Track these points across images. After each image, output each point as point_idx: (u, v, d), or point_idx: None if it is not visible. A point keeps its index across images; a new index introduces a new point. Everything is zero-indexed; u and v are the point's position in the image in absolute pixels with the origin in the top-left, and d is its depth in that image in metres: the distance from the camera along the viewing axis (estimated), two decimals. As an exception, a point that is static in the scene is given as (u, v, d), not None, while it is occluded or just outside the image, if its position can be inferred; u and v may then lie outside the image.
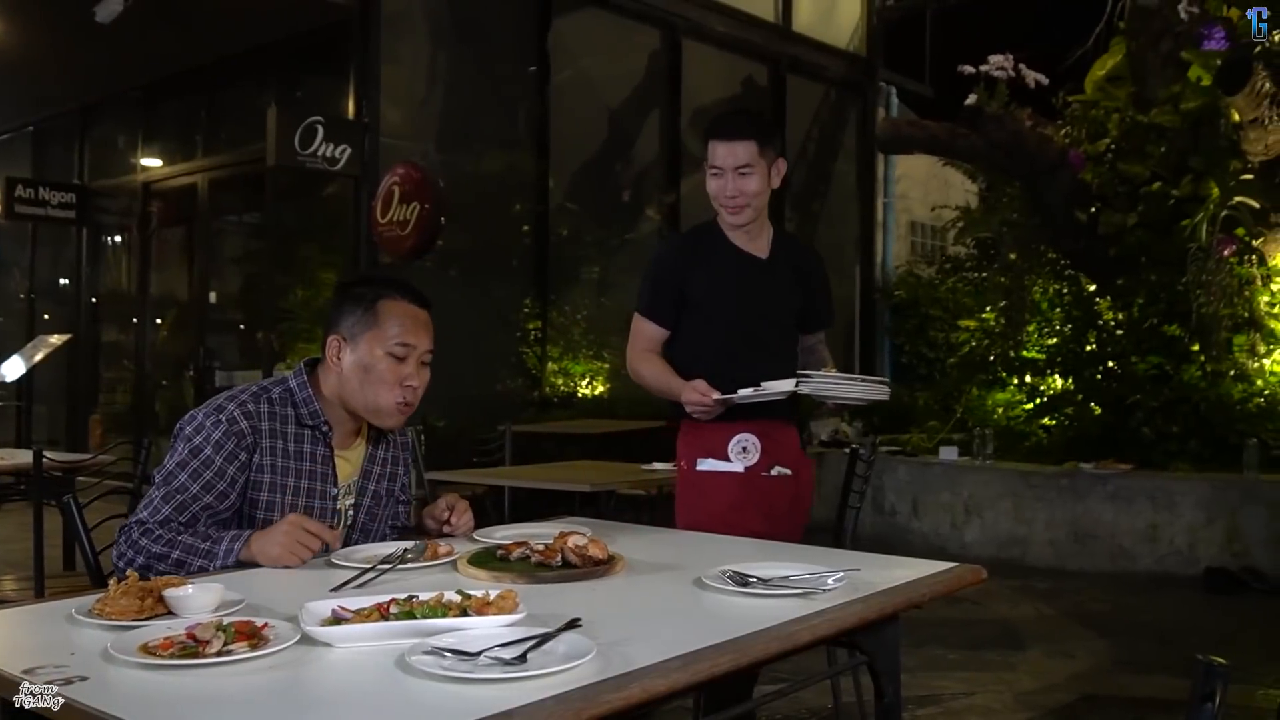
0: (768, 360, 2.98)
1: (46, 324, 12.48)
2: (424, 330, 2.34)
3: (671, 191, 10.89)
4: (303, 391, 2.32)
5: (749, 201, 2.97)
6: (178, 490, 2.17)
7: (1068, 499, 7.03)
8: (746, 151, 2.94)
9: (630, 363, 3.08)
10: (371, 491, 2.43)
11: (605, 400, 9.69)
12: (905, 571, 1.97)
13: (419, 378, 2.33)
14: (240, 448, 2.21)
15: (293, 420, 2.29)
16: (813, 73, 12.51)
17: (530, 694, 1.27)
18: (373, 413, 2.32)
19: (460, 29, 9.50)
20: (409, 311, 2.32)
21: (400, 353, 2.28)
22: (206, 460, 2.18)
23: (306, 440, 2.30)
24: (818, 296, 3.23)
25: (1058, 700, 4.25)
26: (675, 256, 3.09)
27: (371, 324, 2.29)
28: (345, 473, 2.38)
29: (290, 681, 1.39)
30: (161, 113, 11.05)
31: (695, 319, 3.01)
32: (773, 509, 2.93)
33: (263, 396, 2.29)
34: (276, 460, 2.25)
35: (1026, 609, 5.87)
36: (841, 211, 13.06)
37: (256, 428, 2.23)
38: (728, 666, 1.46)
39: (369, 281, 2.38)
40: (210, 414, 2.23)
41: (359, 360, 2.28)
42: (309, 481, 2.29)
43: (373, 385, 2.28)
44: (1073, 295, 8.52)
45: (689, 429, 3.02)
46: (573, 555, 1.97)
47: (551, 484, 4.42)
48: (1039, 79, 7.88)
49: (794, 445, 3.10)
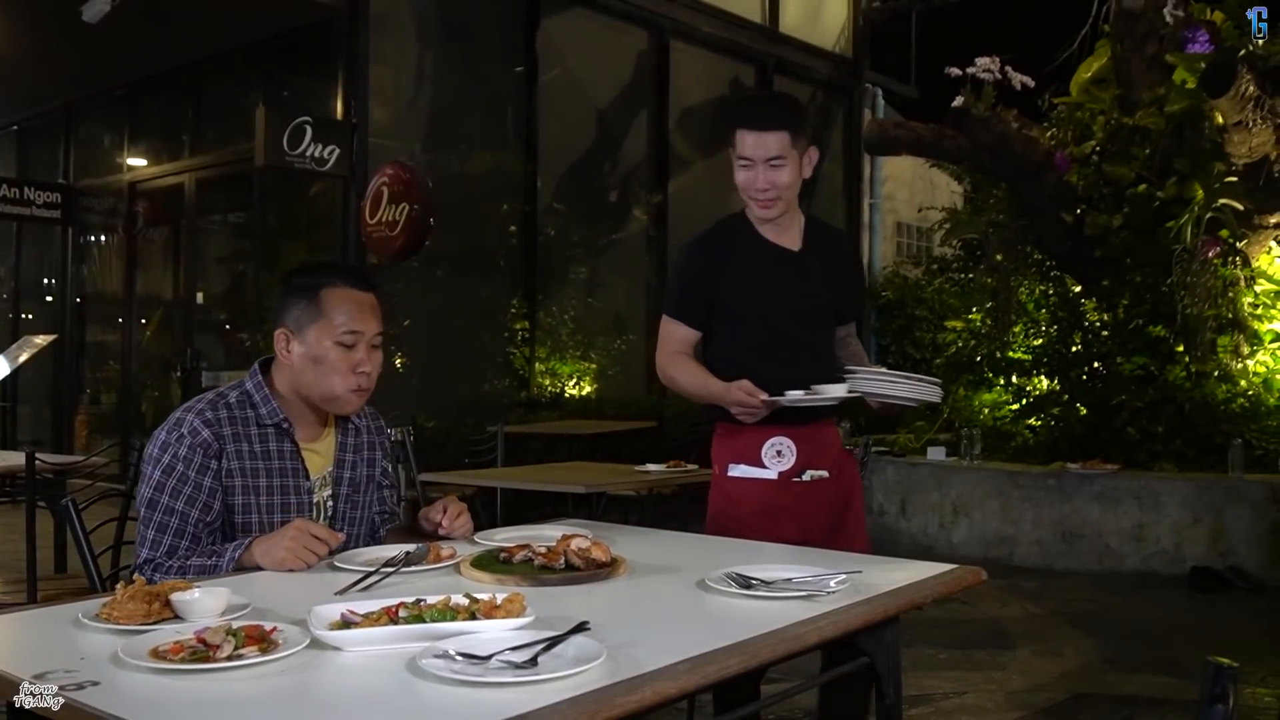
0: (804, 357, 2.85)
1: (31, 324, 12.41)
2: (371, 314, 2.31)
3: (659, 192, 10.91)
4: (259, 392, 2.30)
5: (780, 194, 2.79)
6: (166, 513, 2.16)
7: (1055, 499, 7.07)
8: (778, 142, 2.74)
9: (661, 367, 2.93)
10: (348, 480, 2.41)
11: (593, 400, 9.71)
12: (905, 573, 1.99)
13: (371, 362, 2.31)
14: (208, 456, 2.20)
15: (254, 422, 2.28)
16: (799, 74, 12.55)
17: (542, 697, 1.28)
18: (328, 401, 2.31)
19: (448, 29, 9.50)
20: (353, 298, 2.29)
21: (349, 340, 2.26)
22: (181, 476, 2.17)
23: (271, 439, 2.29)
24: (851, 286, 3.06)
25: (1048, 699, 4.28)
26: (703, 254, 2.92)
27: (317, 315, 2.26)
28: (317, 465, 2.36)
29: (301, 685, 1.39)
30: (148, 112, 11.01)
31: (727, 318, 2.86)
32: (807, 515, 2.79)
33: (219, 403, 2.27)
34: (244, 464, 2.24)
35: (1015, 608, 5.91)
36: (828, 212, 13.09)
37: (219, 434, 2.22)
38: (736, 669, 1.48)
39: (311, 270, 2.35)
40: (171, 430, 2.21)
41: (309, 352, 2.27)
42: (280, 479, 2.28)
43: (325, 375, 2.27)
44: (1059, 296, 8.57)
45: (723, 433, 2.90)
46: (576, 558, 1.98)
47: (547, 485, 4.42)
48: (1025, 81, 7.93)
49: (834, 446, 2.94)
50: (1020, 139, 7.95)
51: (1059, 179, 7.96)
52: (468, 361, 9.40)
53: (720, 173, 11.91)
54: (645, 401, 9.87)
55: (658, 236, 10.93)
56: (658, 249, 10.93)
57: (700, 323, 2.88)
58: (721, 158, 11.43)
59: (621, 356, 10.63)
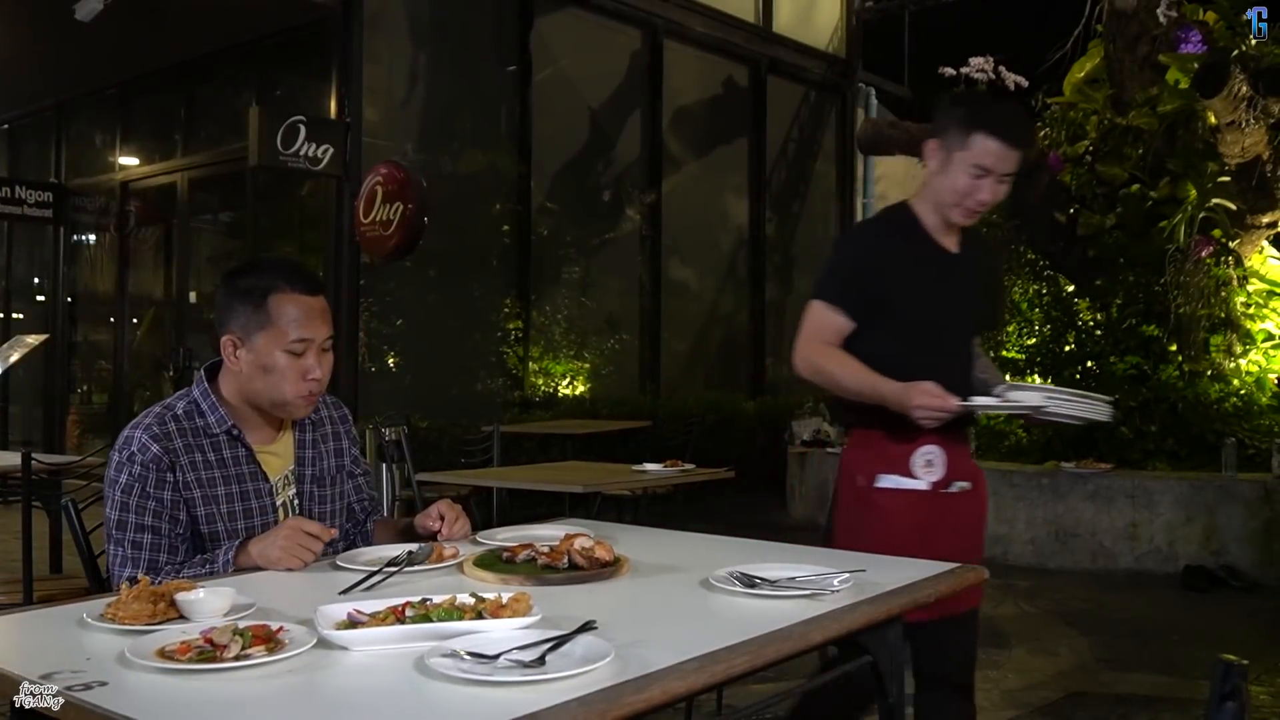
0: (955, 363, 2.73)
1: (22, 324, 12.38)
2: (320, 320, 2.25)
3: (652, 191, 10.91)
4: (206, 400, 2.25)
5: (989, 208, 2.70)
6: (137, 530, 2.13)
7: (1048, 498, 7.09)
8: (1018, 160, 2.63)
9: (808, 356, 2.68)
10: (311, 475, 2.37)
11: (587, 400, 9.71)
12: (909, 572, 1.99)
13: (322, 366, 2.25)
14: (161, 471, 2.15)
15: (203, 432, 2.23)
16: (792, 74, 12.57)
17: (551, 696, 1.28)
18: (278, 407, 2.26)
19: (441, 28, 9.49)
20: (302, 304, 2.22)
21: (299, 349, 2.21)
22: (142, 494, 2.14)
23: (224, 447, 2.24)
24: (997, 297, 2.96)
25: (1044, 697, 4.29)
26: (876, 244, 2.75)
27: (264, 323, 2.20)
28: (276, 467, 2.32)
29: (309, 685, 1.39)
30: (140, 111, 10.98)
31: (883, 316, 2.66)
32: (958, 528, 2.67)
33: (167, 415, 2.21)
34: (199, 474, 2.19)
35: (1009, 608, 5.92)
36: (821, 211, 13.13)
37: (169, 448, 2.17)
38: (744, 668, 1.48)
39: (255, 271, 2.27)
40: (121, 449, 2.17)
41: (257, 360, 2.21)
42: (238, 485, 2.24)
43: (275, 383, 2.21)
44: (1051, 296, 8.59)
45: (863, 440, 2.72)
46: (579, 557, 1.97)
47: (545, 485, 4.41)
48: (1018, 81, 7.96)
49: (968, 456, 2.81)
50: (1013, 139, 7.95)
51: (1052, 179, 7.98)
52: (461, 361, 9.39)
53: (713, 172, 11.97)
54: (639, 401, 9.88)
55: (651, 236, 10.93)
56: (651, 248, 10.93)
57: (859, 315, 2.67)
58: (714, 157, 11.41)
59: (615, 356, 10.64)
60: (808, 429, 9.08)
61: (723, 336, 12.11)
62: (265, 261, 2.36)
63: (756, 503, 8.96)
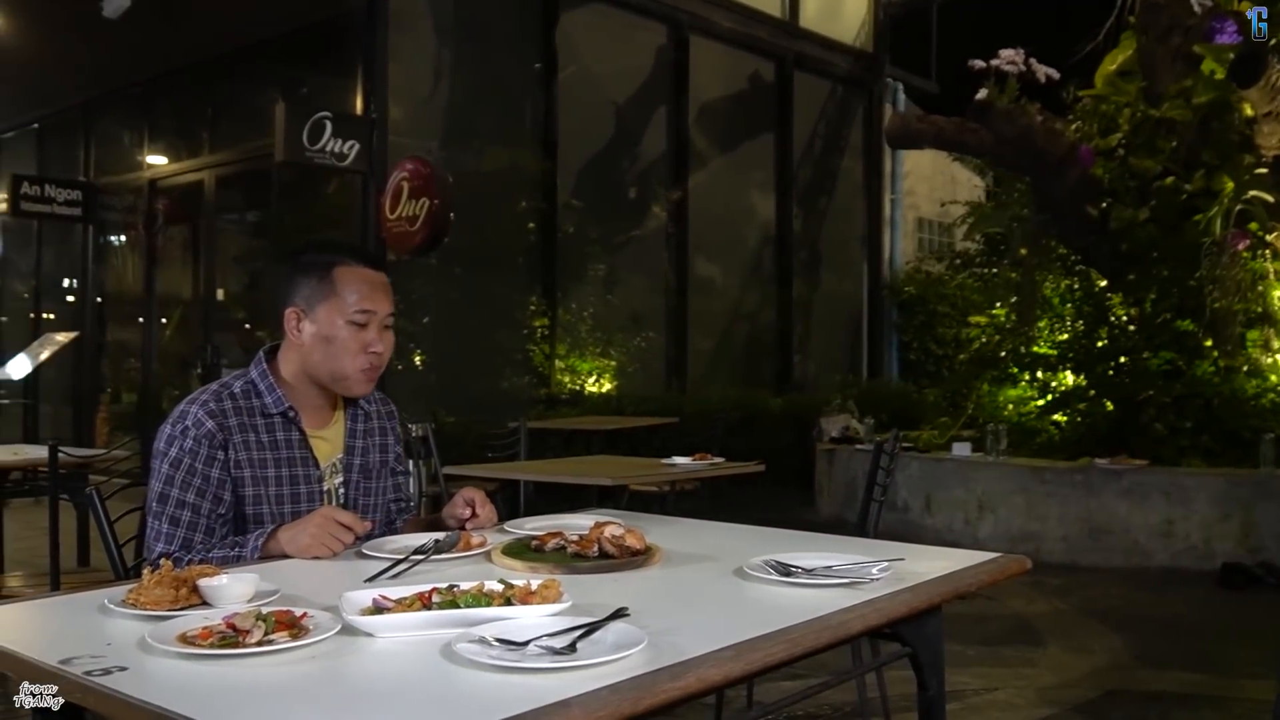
0: None
1: (52, 323, 12.45)
2: (383, 294, 2.26)
3: (678, 188, 10.86)
4: (264, 380, 2.26)
5: None
6: (177, 506, 2.13)
7: (1081, 495, 6.99)
8: None
9: None
10: (359, 466, 2.37)
11: (613, 397, 9.66)
12: (948, 562, 1.93)
13: (382, 343, 2.26)
14: (214, 448, 2.15)
15: (259, 411, 2.23)
16: (819, 69, 12.49)
17: (582, 683, 1.24)
18: (338, 381, 2.26)
19: (466, 25, 9.47)
20: (366, 277, 2.24)
21: (361, 320, 2.22)
22: (189, 469, 2.13)
23: (278, 428, 2.24)
24: None
25: (1080, 696, 4.22)
26: None
27: (329, 293, 2.21)
28: (326, 452, 2.31)
29: (334, 671, 1.35)
30: (167, 109, 11.02)
31: None
32: None
33: (224, 393, 2.22)
34: (251, 454, 2.19)
35: (1042, 605, 5.84)
36: (848, 208, 13.04)
37: (223, 425, 2.17)
38: (781, 656, 1.43)
39: (321, 248, 2.29)
40: (175, 423, 2.17)
41: (320, 331, 2.22)
42: (289, 469, 2.24)
43: (336, 355, 2.22)
44: (1084, 291, 8.50)
45: None
46: (610, 545, 1.93)
47: (572, 478, 4.37)
48: (1049, 73, 7.85)
49: None
50: (1043, 132, 7.87)
51: (1083, 172, 7.87)
52: (487, 358, 9.37)
53: (739, 168, 11.93)
54: (665, 398, 9.82)
55: (677, 233, 10.87)
56: (677, 245, 10.87)
57: None
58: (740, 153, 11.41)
59: (641, 353, 10.59)
60: (836, 426, 9.00)
61: (749, 333, 12.04)
62: (330, 239, 2.37)
63: (784, 500, 8.90)
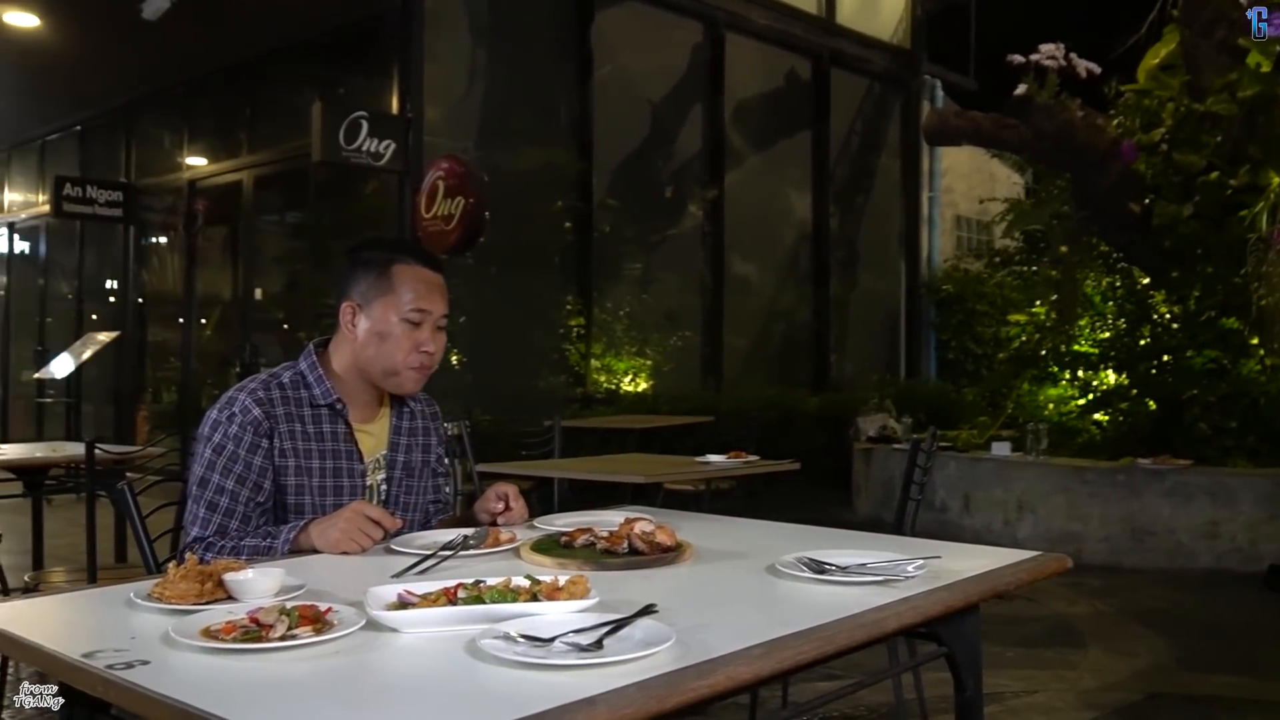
0: None
1: (95, 323, 12.61)
2: (438, 295, 2.28)
3: (714, 186, 10.82)
4: (313, 372, 2.27)
5: None
6: (216, 492, 2.14)
7: (1123, 495, 6.88)
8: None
9: None
10: (402, 463, 2.37)
11: (649, 397, 9.63)
12: (986, 560, 1.89)
13: (435, 343, 2.27)
14: (259, 435, 2.17)
15: (307, 402, 2.24)
16: (856, 66, 12.40)
17: (609, 681, 1.21)
18: (389, 377, 2.27)
19: (501, 25, 9.48)
20: (423, 276, 2.26)
21: (416, 318, 2.23)
22: (232, 455, 2.15)
23: (324, 420, 2.25)
24: None
25: (1122, 699, 4.14)
26: None
27: (385, 290, 2.23)
28: (370, 447, 2.32)
29: (357, 667, 1.33)
30: (206, 110, 11.12)
31: None
32: None
33: (273, 383, 2.24)
34: (297, 444, 2.20)
35: (1083, 606, 5.75)
36: (885, 206, 12.93)
37: (270, 413, 2.19)
38: (813, 655, 1.39)
39: (381, 245, 2.30)
40: (223, 408, 2.19)
41: (374, 327, 2.23)
42: (333, 461, 2.24)
43: (389, 351, 2.23)
44: (1126, 288, 8.37)
45: None
46: (640, 542, 1.90)
47: (606, 475, 4.35)
48: (1090, 68, 7.74)
49: None
50: (1084, 127, 7.75)
51: (1125, 168, 7.75)
52: (522, 358, 9.37)
53: (775, 166, 11.87)
54: (700, 397, 9.78)
55: (713, 232, 10.83)
56: (713, 244, 10.83)
57: None
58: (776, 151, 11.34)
59: (676, 353, 10.55)
60: (873, 425, 8.93)
61: (785, 332, 11.97)
62: (391, 237, 2.42)
63: (820, 500, 8.83)
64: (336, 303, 2.29)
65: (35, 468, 4.63)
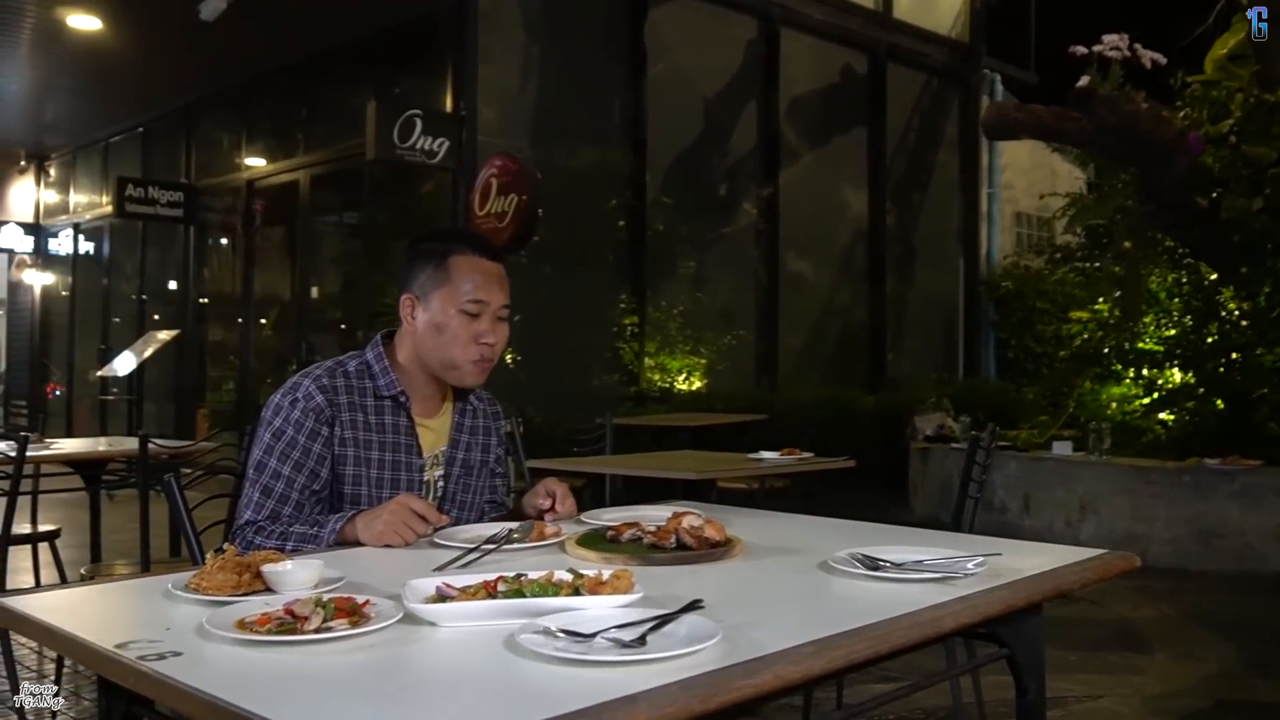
0: None
1: (156, 323, 12.80)
2: (497, 285, 2.25)
3: (769, 184, 10.73)
4: (379, 363, 2.25)
5: None
6: (272, 476, 2.13)
7: (1189, 496, 6.70)
8: None
9: None
10: (461, 461, 2.34)
11: (703, 395, 9.57)
12: (1049, 558, 1.81)
13: (495, 334, 2.24)
14: (320, 422, 2.15)
15: (370, 393, 2.22)
16: (913, 61, 12.23)
17: (652, 678, 1.16)
18: (449, 370, 2.24)
19: (555, 23, 9.46)
20: (481, 267, 2.23)
21: (474, 310, 2.20)
22: (291, 441, 2.14)
23: (387, 412, 2.23)
24: None
25: (1189, 705, 4.01)
26: None
27: (443, 281, 2.20)
28: (430, 442, 2.29)
29: (392, 660, 1.29)
30: (263, 111, 11.24)
31: None
32: None
33: (338, 370, 2.23)
34: (358, 434, 2.18)
35: (1148, 610, 5.59)
36: (943, 203, 12.75)
37: (333, 401, 2.17)
38: (866, 654, 1.33)
39: (439, 237, 2.27)
40: (286, 393, 2.18)
41: (432, 319, 2.21)
42: (393, 454, 2.22)
43: (447, 344, 2.21)
44: (1192, 284, 8.16)
45: None
46: (688, 537, 1.85)
47: (657, 471, 4.29)
48: (1155, 58, 7.54)
49: None
50: (1149, 119, 7.56)
51: (1191, 161, 7.54)
52: (576, 356, 9.35)
53: (830, 163, 11.76)
54: (755, 395, 9.69)
55: (767, 229, 10.74)
56: (767, 242, 10.74)
57: None
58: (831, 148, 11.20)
59: (731, 351, 10.48)
60: (930, 424, 8.79)
61: (841, 331, 11.84)
62: (451, 228, 2.39)
63: (876, 499, 8.69)
64: (397, 296, 2.28)
65: (91, 462, 4.68)
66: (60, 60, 10.56)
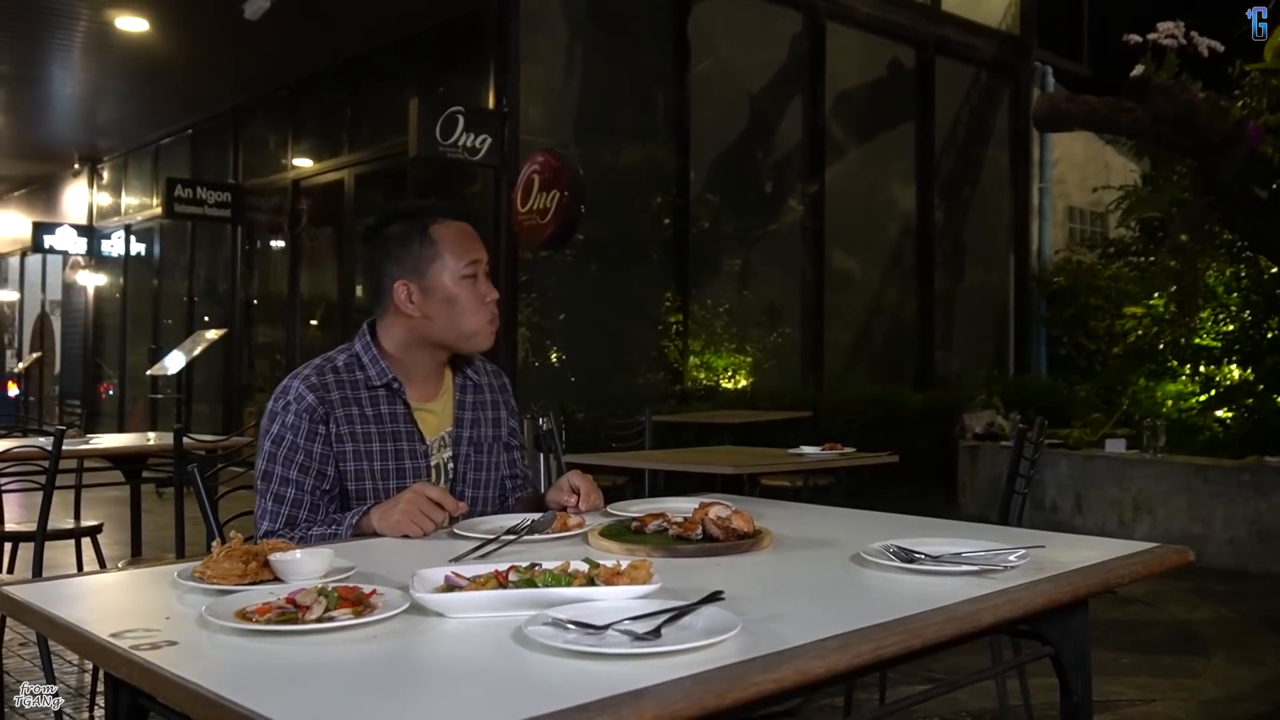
0: None
1: (205, 323, 12.93)
2: (477, 242, 2.23)
3: (815, 180, 10.60)
4: (368, 353, 2.21)
5: None
6: (281, 484, 2.10)
7: (1250, 495, 6.51)
8: None
9: None
10: (468, 439, 2.29)
11: (748, 393, 9.48)
12: (1096, 551, 1.71)
13: (493, 290, 2.23)
14: (315, 422, 2.12)
15: (363, 384, 2.18)
16: (963, 54, 12.03)
17: (665, 672, 1.09)
18: (467, 339, 2.21)
19: (598, 19, 9.41)
20: (460, 229, 2.21)
21: (471, 271, 2.18)
22: (291, 445, 2.11)
23: (382, 402, 2.19)
24: None
25: (1248, 710, 3.87)
26: None
27: (436, 254, 2.16)
28: (433, 426, 2.24)
29: (396, 652, 1.23)
30: (309, 110, 11.31)
31: None
32: None
33: (326, 367, 2.19)
34: (355, 428, 2.14)
35: (1205, 612, 5.43)
36: (994, 198, 12.53)
37: (325, 398, 2.13)
38: (896, 648, 1.25)
39: (406, 214, 2.22)
40: (277, 398, 2.15)
41: (441, 294, 2.17)
42: (393, 443, 2.17)
43: (460, 314, 2.17)
44: (1251, 278, 7.95)
45: None
46: (715, 528, 1.78)
47: (694, 466, 4.22)
48: (1213, 46, 7.33)
49: None
50: (1206, 109, 7.35)
51: (1251, 152, 7.32)
52: (621, 354, 9.30)
53: (878, 158, 11.59)
54: (801, 393, 9.58)
55: (813, 226, 10.61)
56: (813, 239, 10.61)
57: None
58: (879, 143, 11.05)
59: (777, 349, 10.37)
60: (980, 422, 8.63)
61: (888, 328, 11.67)
62: (410, 203, 2.35)
63: (923, 498, 8.55)
64: (382, 286, 2.20)
65: (130, 457, 4.69)
66: (110, 63, 10.68)
